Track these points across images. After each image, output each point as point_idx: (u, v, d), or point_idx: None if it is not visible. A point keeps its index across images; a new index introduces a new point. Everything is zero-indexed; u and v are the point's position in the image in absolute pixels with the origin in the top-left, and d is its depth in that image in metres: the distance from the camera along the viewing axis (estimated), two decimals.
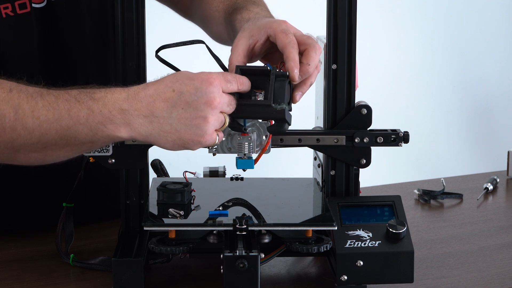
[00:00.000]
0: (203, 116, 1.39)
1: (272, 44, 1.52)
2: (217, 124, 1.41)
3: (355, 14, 1.55)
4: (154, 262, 1.53)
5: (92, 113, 1.40)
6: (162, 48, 1.57)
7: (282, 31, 1.48)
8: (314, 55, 1.48)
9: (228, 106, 1.42)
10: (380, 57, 3.77)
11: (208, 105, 1.39)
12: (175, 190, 1.54)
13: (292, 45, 1.47)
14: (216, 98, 1.39)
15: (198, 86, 1.39)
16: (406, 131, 1.57)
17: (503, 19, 4.04)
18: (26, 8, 1.66)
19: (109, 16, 1.77)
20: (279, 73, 1.46)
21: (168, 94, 1.40)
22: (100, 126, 1.40)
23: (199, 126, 1.39)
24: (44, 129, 1.41)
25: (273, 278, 1.54)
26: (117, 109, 1.40)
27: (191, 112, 1.39)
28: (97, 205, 1.82)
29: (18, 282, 1.53)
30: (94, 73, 1.77)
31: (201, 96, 1.39)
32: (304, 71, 1.47)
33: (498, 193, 2.06)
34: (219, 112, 1.41)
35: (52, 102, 1.41)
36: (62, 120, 1.40)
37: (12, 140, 1.42)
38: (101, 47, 1.78)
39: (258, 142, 1.53)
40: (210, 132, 1.40)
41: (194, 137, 1.40)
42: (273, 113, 1.44)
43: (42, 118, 1.40)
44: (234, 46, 1.51)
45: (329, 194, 1.59)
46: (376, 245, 1.47)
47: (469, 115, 4.03)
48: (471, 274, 1.58)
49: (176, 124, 1.39)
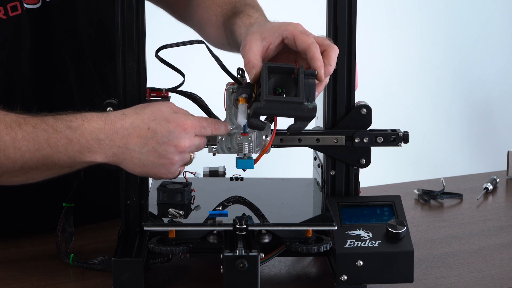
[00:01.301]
0: (170, 158, 1.46)
1: (284, 47, 1.52)
2: (181, 163, 1.49)
3: (355, 14, 1.55)
4: (154, 262, 1.53)
5: (70, 143, 1.46)
6: (162, 48, 1.57)
7: (302, 33, 1.49)
8: (334, 55, 1.49)
9: (197, 148, 1.50)
10: (380, 57, 3.77)
11: (177, 149, 1.46)
12: (175, 190, 1.55)
13: (316, 46, 1.47)
14: (186, 143, 1.46)
15: (172, 129, 1.46)
16: (406, 131, 1.57)
17: (502, 19, 4.04)
18: (17, 10, 1.66)
19: (106, 16, 1.77)
20: (308, 72, 1.45)
21: (143, 131, 1.46)
22: (78, 154, 1.46)
23: (164, 165, 1.47)
24: (26, 158, 1.47)
25: (273, 278, 1.54)
26: (94, 139, 1.46)
27: (160, 152, 1.46)
28: (97, 205, 1.82)
29: (18, 282, 1.53)
30: (91, 75, 1.77)
31: (172, 140, 1.45)
32: (326, 71, 1.48)
33: (498, 193, 2.06)
34: (188, 153, 1.48)
35: (31, 133, 1.46)
36: (43, 149, 1.46)
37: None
38: (98, 48, 1.78)
39: (258, 142, 1.53)
40: (173, 171, 1.49)
41: (158, 173, 1.49)
42: (305, 111, 1.42)
43: (23, 148, 1.46)
44: (248, 48, 1.49)
45: (329, 194, 1.59)
46: (376, 245, 1.47)
47: (469, 115, 4.03)
48: (471, 274, 1.58)
49: (145, 160, 1.46)
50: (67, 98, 1.75)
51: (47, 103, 1.72)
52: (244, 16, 1.65)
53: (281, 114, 1.45)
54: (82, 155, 1.46)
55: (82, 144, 1.45)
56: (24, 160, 1.46)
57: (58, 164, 1.47)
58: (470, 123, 4.03)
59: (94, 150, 1.45)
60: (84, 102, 1.76)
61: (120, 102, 1.53)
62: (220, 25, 1.75)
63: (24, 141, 1.46)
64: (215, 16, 1.77)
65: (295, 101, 1.42)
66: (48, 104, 1.72)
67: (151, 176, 1.50)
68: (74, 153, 1.46)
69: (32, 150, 1.46)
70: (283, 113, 1.44)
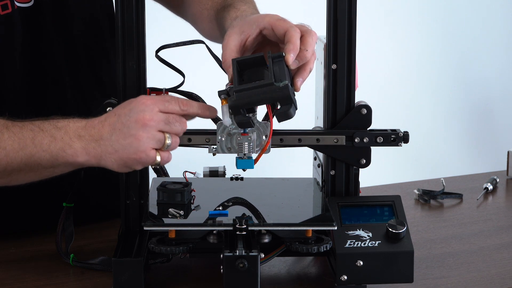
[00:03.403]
0: (133, 134, 1.44)
1: (264, 38, 1.52)
2: (152, 143, 1.45)
3: (355, 14, 1.55)
4: (154, 262, 1.53)
5: (54, 140, 1.47)
6: (162, 48, 1.58)
7: (279, 19, 1.50)
8: (311, 40, 1.49)
9: (167, 124, 1.45)
10: (380, 57, 3.77)
11: (137, 122, 1.44)
12: (175, 190, 1.55)
13: (295, 29, 1.48)
14: (146, 116, 1.44)
15: (132, 107, 1.45)
16: (406, 131, 1.57)
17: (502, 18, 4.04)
18: (7, 9, 1.66)
19: (100, 14, 1.77)
20: (275, 55, 1.46)
21: (112, 118, 1.47)
22: (61, 152, 1.47)
23: (131, 144, 1.44)
24: (11, 158, 1.48)
25: (273, 278, 1.54)
26: (76, 136, 1.47)
27: (125, 131, 1.45)
28: (97, 205, 1.82)
29: (18, 282, 1.53)
30: (85, 74, 1.77)
31: (132, 115, 1.44)
32: (302, 56, 1.48)
33: (498, 193, 2.07)
34: (156, 130, 1.44)
35: (17, 132, 1.48)
36: (27, 148, 1.47)
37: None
38: (91, 46, 1.78)
39: (258, 142, 1.53)
40: (143, 149, 1.44)
41: (130, 155, 1.45)
42: (277, 91, 1.42)
43: (8, 148, 1.48)
44: (226, 43, 1.51)
45: (329, 194, 1.59)
46: (376, 245, 1.47)
47: (468, 115, 4.03)
48: (471, 274, 1.58)
49: (115, 145, 1.45)
50: (60, 97, 1.75)
51: (39, 102, 1.72)
52: (231, 10, 1.66)
53: (256, 101, 1.44)
54: (64, 153, 1.46)
55: (65, 141, 1.46)
56: (8, 160, 1.48)
57: (41, 164, 1.48)
58: (470, 123, 4.03)
59: (75, 147, 1.46)
60: (77, 100, 1.76)
61: (120, 102, 1.53)
62: (212, 19, 1.75)
63: (9, 141, 1.48)
64: (207, 10, 1.78)
65: (264, 84, 1.42)
66: (41, 104, 1.72)
67: (128, 164, 1.46)
68: (56, 151, 1.46)
69: (17, 149, 1.47)
70: (257, 99, 1.43)
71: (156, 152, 1.45)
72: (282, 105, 1.43)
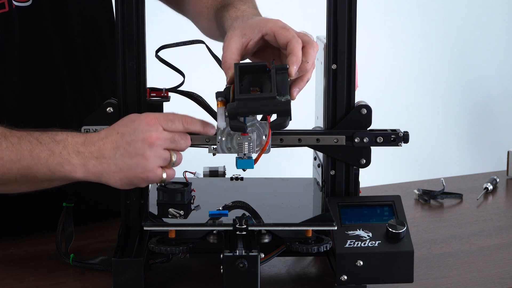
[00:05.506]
0: (140, 154, 1.45)
1: (265, 43, 1.52)
2: (159, 161, 1.46)
3: (355, 14, 1.55)
4: (154, 262, 1.53)
5: (52, 154, 1.47)
6: (162, 48, 1.58)
7: (282, 28, 1.49)
8: (312, 52, 1.49)
9: (173, 142, 1.47)
10: (380, 57, 3.77)
11: (145, 142, 1.44)
12: (175, 190, 1.55)
13: (297, 40, 1.48)
14: (152, 135, 1.45)
15: (136, 126, 1.46)
16: (406, 131, 1.57)
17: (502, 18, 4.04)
18: (4, 8, 1.66)
19: (98, 13, 1.76)
20: (279, 66, 1.45)
21: (114, 137, 1.46)
22: (58, 167, 1.47)
23: (138, 163, 1.45)
24: (7, 169, 1.48)
25: (273, 278, 1.54)
26: (75, 152, 1.46)
27: (131, 151, 1.45)
28: (97, 205, 1.82)
29: (18, 282, 1.53)
30: (84, 73, 1.77)
31: (138, 135, 1.45)
32: (302, 68, 1.48)
33: (498, 193, 2.07)
34: (162, 149, 1.46)
35: (15, 143, 1.48)
36: (24, 160, 1.47)
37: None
38: (90, 46, 1.78)
39: (258, 142, 1.53)
40: (150, 168, 1.45)
41: (137, 175, 1.46)
42: (278, 105, 1.42)
43: (5, 158, 1.47)
44: (227, 45, 1.51)
45: (329, 194, 1.59)
46: (376, 245, 1.47)
47: (469, 114, 4.03)
48: (471, 274, 1.58)
49: (120, 164, 1.45)
50: (58, 96, 1.75)
51: (37, 101, 1.72)
52: (231, 9, 1.66)
53: (256, 111, 1.45)
54: (62, 168, 1.46)
55: (63, 157, 1.46)
56: (5, 170, 1.48)
57: (38, 177, 1.48)
58: (470, 123, 4.03)
59: (74, 163, 1.46)
60: (76, 99, 1.76)
61: (120, 102, 1.53)
62: (211, 17, 1.75)
63: (7, 151, 1.47)
64: (206, 8, 1.77)
65: (267, 97, 1.43)
66: (39, 103, 1.72)
67: (134, 182, 1.47)
68: (54, 165, 1.46)
69: (14, 160, 1.47)
70: (257, 110, 1.44)
71: (162, 170, 1.47)
72: (279, 117, 1.45)
